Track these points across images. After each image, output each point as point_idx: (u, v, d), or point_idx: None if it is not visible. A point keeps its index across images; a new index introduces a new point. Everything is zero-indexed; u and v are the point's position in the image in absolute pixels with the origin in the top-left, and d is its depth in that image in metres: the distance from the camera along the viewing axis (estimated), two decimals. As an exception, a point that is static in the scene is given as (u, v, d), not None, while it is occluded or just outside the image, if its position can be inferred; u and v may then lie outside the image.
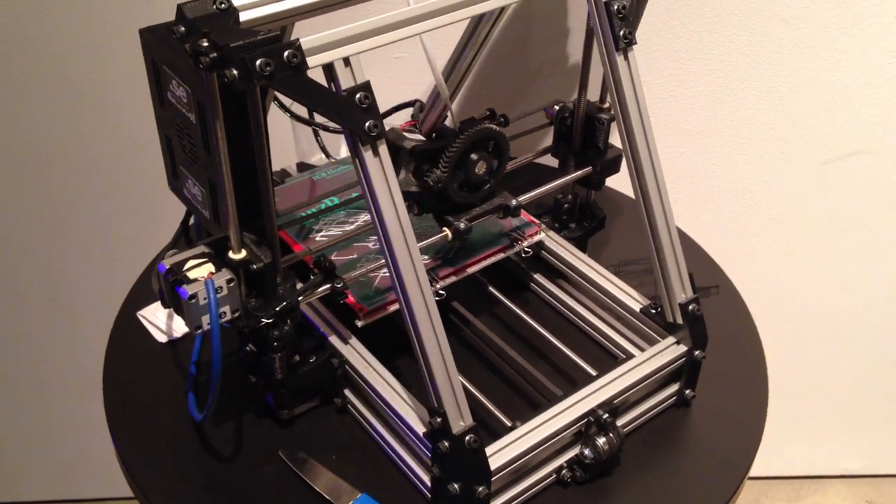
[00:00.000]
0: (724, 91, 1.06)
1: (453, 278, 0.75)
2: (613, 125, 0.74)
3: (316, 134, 0.86)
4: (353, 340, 0.71)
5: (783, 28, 1.01)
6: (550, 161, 0.86)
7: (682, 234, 0.91)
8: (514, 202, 0.74)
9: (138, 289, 0.86)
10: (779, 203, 1.15)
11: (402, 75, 1.02)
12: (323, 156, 0.95)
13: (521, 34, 1.02)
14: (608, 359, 0.78)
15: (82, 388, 1.06)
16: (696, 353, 0.71)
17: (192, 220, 0.77)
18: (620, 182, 0.83)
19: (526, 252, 0.81)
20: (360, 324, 0.70)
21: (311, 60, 0.52)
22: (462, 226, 0.71)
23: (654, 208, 0.70)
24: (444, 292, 0.74)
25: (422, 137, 0.70)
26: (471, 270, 0.77)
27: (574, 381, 0.75)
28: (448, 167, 0.69)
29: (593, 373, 0.72)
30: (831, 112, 1.07)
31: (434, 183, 0.68)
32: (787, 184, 1.14)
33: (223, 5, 0.54)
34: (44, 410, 1.31)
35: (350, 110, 0.55)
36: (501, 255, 0.79)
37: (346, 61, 0.54)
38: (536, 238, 0.81)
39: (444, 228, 0.71)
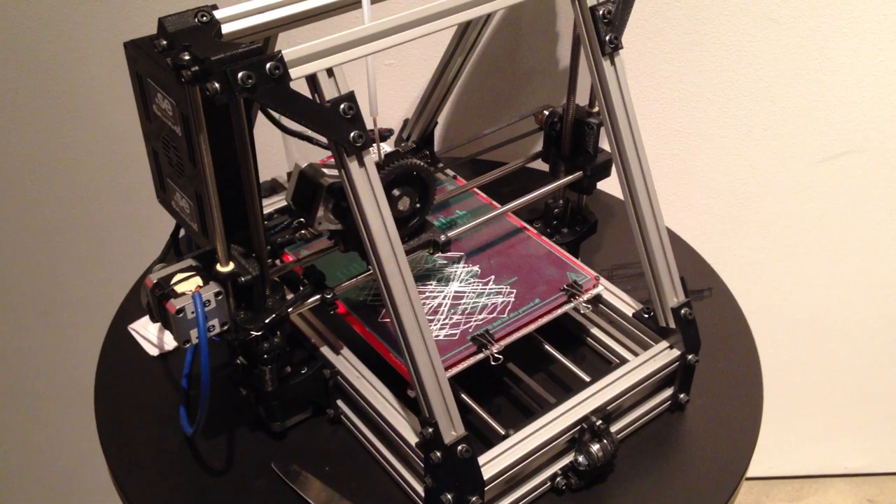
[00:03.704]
0: (714, 92, 1.06)
1: (510, 339, 0.70)
2: (603, 129, 0.74)
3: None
4: (345, 350, 0.70)
5: (773, 27, 1.01)
6: (542, 165, 0.85)
7: (675, 237, 0.91)
8: (442, 238, 0.69)
9: (130, 302, 0.85)
10: (772, 203, 1.15)
11: (393, 82, 1.02)
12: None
13: (510, 40, 1.02)
14: (602, 364, 0.77)
15: (77, 401, 1.05)
16: (690, 357, 0.71)
17: (182, 233, 0.77)
18: (613, 185, 0.83)
19: (585, 307, 0.75)
20: (412, 394, 0.65)
21: (294, 72, 0.52)
22: None
23: (644, 213, 0.70)
24: (500, 356, 0.69)
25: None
26: (527, 329, 0.72)
27: (567, 386, 0.75)
28: None
29: (587, 378, 0.72)
30: (823, 111, 1.07)
31: (353, 221, 0.61)
32: (780, 184, 1.13)
33: (205, 18, 0.54)
34: (37, 424, 1.31)
35: (335, 121, 0.54)
36: (559, 312, 0.73)
37: (330, 72, 0.54)
38: (595, 292, 0.75)
39: (369, 267, 0.65)
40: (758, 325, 0.84)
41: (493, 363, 0.68)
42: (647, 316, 0.73)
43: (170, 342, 0.79)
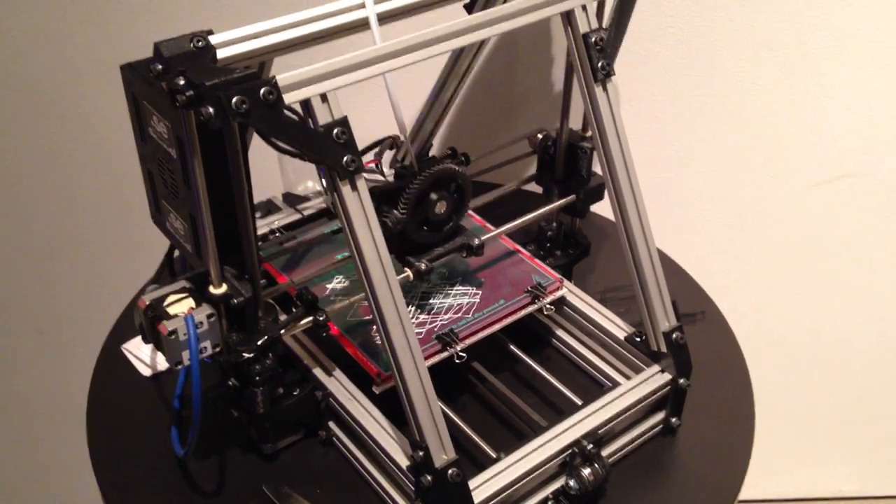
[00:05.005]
0: (709, 116, 1.06)
1: (474, 338, 0.73)
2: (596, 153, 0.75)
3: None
4: (337, 372, 0.71)
5: (767, 54, 1.02)
6: (536, 188, 0.86)
7: (667, 260, 0.91)
8: (476, 241, 0.72)
9: (124, 321, 0.85)
10: (765, 227, 1.16)
11: (386, 104, 1.03)
12: (309, 185, 0.95)
13: (505, 64, 1.02)
14: (593, 387, 0.77)
15: (69, 420, 1.05)
16: (681, 381, 0.71)
17: (176, 254, 0.77)
18: (606, 207, 0.84)
19: (548, 308, 0.77)
20: (377, 390, 0.68)
21: (288, 97, 0.53)
22: (423, 266, 0.69)
23: (636, 238, 0.70)
24: (464, 354, 0.71)
25: (381, 178, 0.69)
26: (491, 329, 0.74)
27: (559, 409, 0.75)
28: (407, 208, 0.67)
29: (578, 402, 0.72)
30: (817, 136, 1.08)
31: (393, 224, 0.67)
32: (774, 208, 1.14)
33: (200, 43, 0.54)
34: (28, 442, 1.30)
35: (327, 146, 0.55)
36: (523, 313, 0.75)
37: (324, 97, 0.55)
38: (558, 294, 0.78)
39: (406, 269, 0.69)
40: (750, 347, 0.84)
41: (457, 360, 0.71)
42: (638, 340, 0.74)
43: (163, 363, 0.79)
